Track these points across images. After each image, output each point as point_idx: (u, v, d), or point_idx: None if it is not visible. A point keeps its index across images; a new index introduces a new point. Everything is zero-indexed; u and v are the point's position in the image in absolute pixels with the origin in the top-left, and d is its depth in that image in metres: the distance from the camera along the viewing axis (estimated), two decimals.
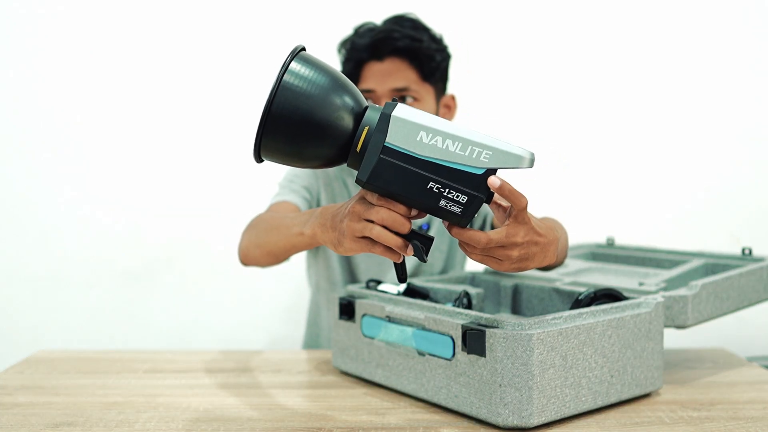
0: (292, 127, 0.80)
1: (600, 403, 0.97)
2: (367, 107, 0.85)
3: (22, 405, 1.04)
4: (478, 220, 1.52)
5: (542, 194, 2.22)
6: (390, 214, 0.84)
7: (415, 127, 0.82)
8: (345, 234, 0.87)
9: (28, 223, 2.17)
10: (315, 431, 0.92)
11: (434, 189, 0.83)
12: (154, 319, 2.18)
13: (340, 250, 0.90)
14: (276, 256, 1.24)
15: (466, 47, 2.19)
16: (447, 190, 0.83)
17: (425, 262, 0.89)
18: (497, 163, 0.83)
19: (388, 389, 1.08)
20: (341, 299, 1.14)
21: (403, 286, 1.17)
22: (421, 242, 0.87)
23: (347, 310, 1.13)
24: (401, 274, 0.90)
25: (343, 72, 1.43)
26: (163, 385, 1.14)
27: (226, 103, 2.18)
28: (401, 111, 0.82)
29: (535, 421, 0.90)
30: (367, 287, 1.17)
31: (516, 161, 0.84)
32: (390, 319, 1.05)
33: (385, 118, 0.82)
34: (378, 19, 1.48)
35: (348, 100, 0.83)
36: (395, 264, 0.89)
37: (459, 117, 1.58)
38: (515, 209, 0.85)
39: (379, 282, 1.18)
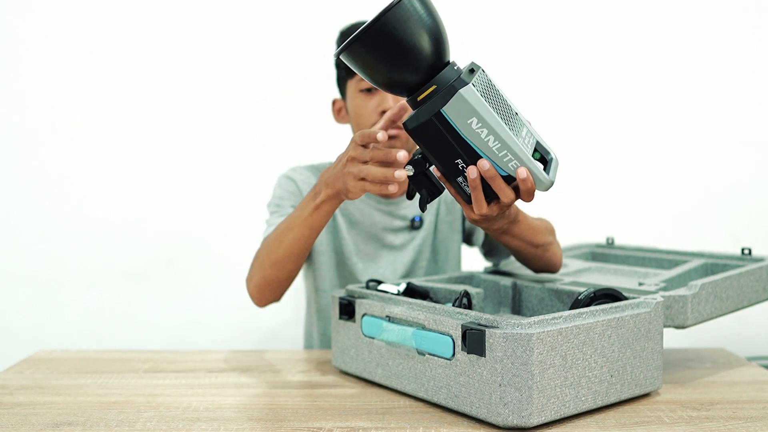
0: (386, 45, 0.85)
1: (600, 403, 0.97)
2: (449, 62, 0.90)
3: (23, 405, 1.04)
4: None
5: (542, 194, 2.22)
6: (380, 151, 0.97)
7: (471, 112, 0.87)
8: (348, 177, 1.01)
9: (28, 223, 2.17)
10: (315, 431, 0.92)
11: (459, 166, 0.91)
12: (154, 319, 2.19)
13: (351, 196, 1.03)
14: (298, 256, 1.22)
15: (467, 46, 2.19)
16: None
17: (423, 210, 0.97)
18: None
19: (388, 389, 1.08)
20: (341, 299, 1.14)
21: (403, 286, 1.17)
22: (428, 191, 0.95)
23: (347, 310, 1.13)
24: (422, 204, 0.98)
25: (337, 72, 1.46)
26: (163, 384, 1.14)
27: (226, 103, 2.18)
28: (468, 92, 0.86)
29: (535, 420, 0.90)
30: (367, 287, 1.17)
31: (536, 182, 0.93)
32: (390, 319, 1.05)
33: (452, 90, 0.87)
34: (361, 14, 1.49)
35: (439, 47, 0.88)
36: (419, 194, 0.97)
37: None
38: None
39: (379, 282, 1.19)
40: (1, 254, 2.17)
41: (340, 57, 0.89)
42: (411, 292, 1.18)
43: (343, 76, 1.46)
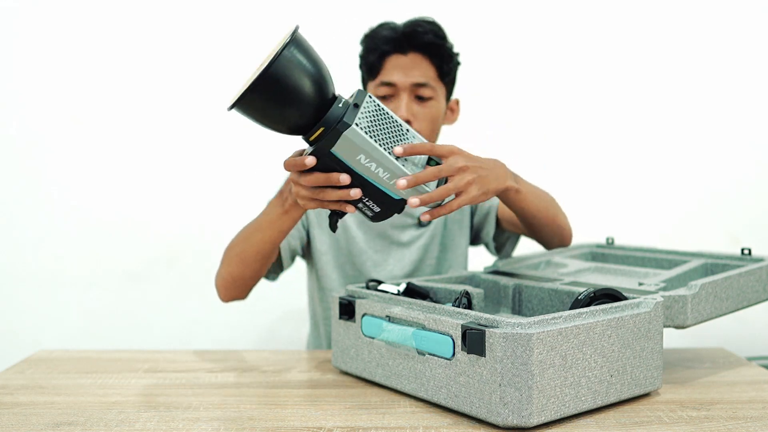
0: (271, 97, 0.91)
1: (599, 403, 0.97)
2: (334, 98, 0.95)
3: (23, 405, 1.04)
4: (479, 214, 1.56)
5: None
6: (321, 176, 0.98)
7: (357, 150, 0.94)
8: (297, 197, 1.03)
9: (29, 223, 2.17)
10: (315, 431, 0.92)
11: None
12: (154, 319, 2.19)
13: (309, 208, 1.05)
14: (264, 256, 1.28)
15: (469, 46, 2.19)
16: (367, 199, 0.99)
17: (334, 230, 1.04)
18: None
19: (388, 389, 1.09)
20: (341, 299, 1.14)
21: (403, 286, 1.17)
22: (335, 211, 1.01)
23: (347, 310, 1.13)
24: (333, 225, 1.05)
25: (365, 63, 1.48)
26: (163, 384, 1.14)
27: (226, 103, 2.18)
28: (352, 133, 0.93)
29: (535, 420, 0.90)
30: (367, 287, 1.17)
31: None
32: (390, 319, 1.05)
33: (337, 133, 0.93)
34: (370, 21, 1.51)
35: (322, 90, 0.93)
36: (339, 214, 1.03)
37: (469, 116, 1.59)
38: (441, 158, 1.01)
39: (379, 282, 1.19)
40: (1, 254, 2.17)
41: (234, 109, 0.93)
42: (411, 292, 1.18)
43: (365, 77, 1.48)
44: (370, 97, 0.96)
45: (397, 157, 0.96)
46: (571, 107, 2.24)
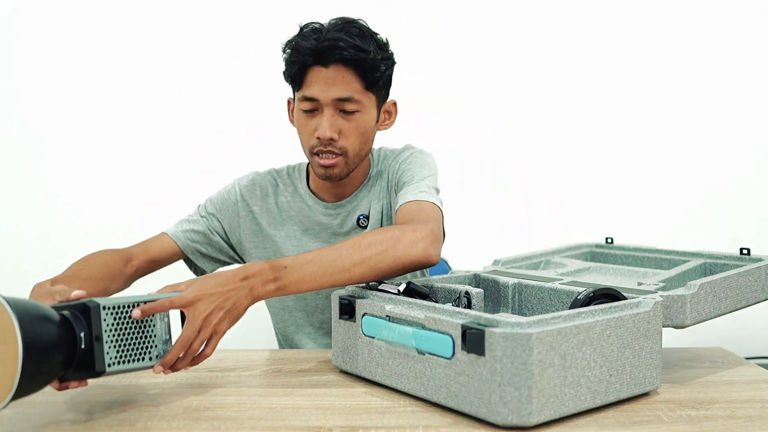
0: (29, 390, 0.88)
1: (599, 402, 0.97)
2: (71, 327, 0.94)
3: (24, 404, 1.04)
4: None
5: (543, 194, 2.22)
6: None
7: (117, 372, 0.98)
8: None
9: (29, 224, 2.17)
10: (315, 431, 0.92)
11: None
12: None
13: None
14: None
15: (469, 45, 2.19)
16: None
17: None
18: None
19: (388, 388, 1.09)
20: (341, 298, 1.14)
21: (402, 286, 1.18)
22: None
23: (347, 309, 1.13)
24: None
25: (287, 74, 1.40)
26: (164, 384, 1.14)
27: (226, 103, 2.18)
28: (107, 373, 0.95)
29: (535, 420, 0.90)
30: (368, 287, 1.18)
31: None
32: (390, 319, 1.06)
33: (96, 376, 0.95)
34: (364, 13, 1.45)
35: (57, 340, 0.91)
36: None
37: (469, 116, 1.58)
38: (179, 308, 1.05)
39: (379, 282, 1.19)
40: (1, 254, 2.17)
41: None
42: (411, 291, 1.18)
43: (291, 86, 1.44)
44: (103, 309, 0.95)
45: (153, 351, 1.03)
46: (571, 107, 2.24)
